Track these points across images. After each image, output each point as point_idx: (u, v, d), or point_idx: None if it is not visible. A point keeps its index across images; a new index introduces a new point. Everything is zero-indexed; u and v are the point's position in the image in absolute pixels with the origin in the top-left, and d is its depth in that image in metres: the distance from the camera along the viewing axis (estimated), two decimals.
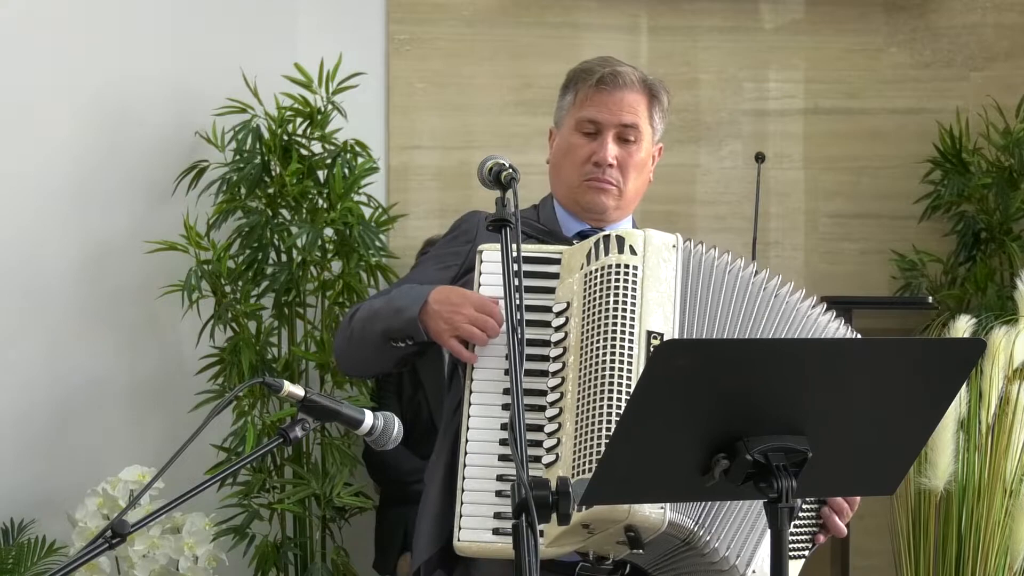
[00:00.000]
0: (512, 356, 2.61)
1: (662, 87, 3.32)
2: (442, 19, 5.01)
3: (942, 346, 2.74)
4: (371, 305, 3.13)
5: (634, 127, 3.24)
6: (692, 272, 2.97)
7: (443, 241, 3.29)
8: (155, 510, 2.47)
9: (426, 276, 3.21)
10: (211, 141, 4.67)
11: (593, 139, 3.22)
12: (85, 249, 4.67)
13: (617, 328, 2.87)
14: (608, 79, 3.24)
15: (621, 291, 2.90)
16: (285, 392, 2.56)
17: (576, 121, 3.25)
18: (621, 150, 3.23)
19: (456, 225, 3.30)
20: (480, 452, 2.91)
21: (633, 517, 2.76)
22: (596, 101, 3.24)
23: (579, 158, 3.22)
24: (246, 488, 4.53)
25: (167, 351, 4.75)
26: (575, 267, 2.97)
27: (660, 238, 2.97)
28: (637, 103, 3.25)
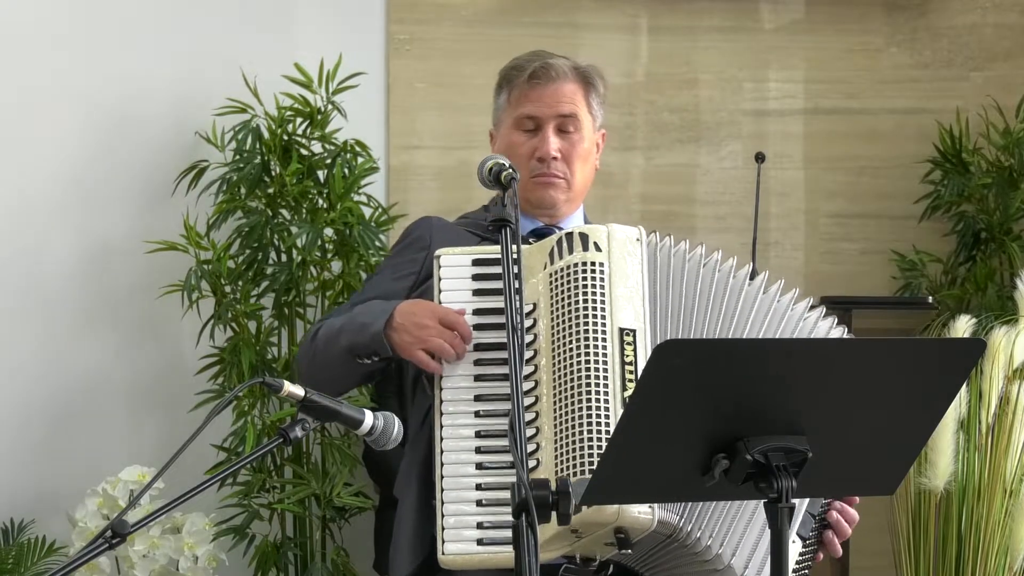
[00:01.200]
0: (512, 356, 2.61)
1: (596, 73, 3.28)
2: (442, 19, 5.01)
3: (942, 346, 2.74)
4: (333, 322, 3.10)
5: (573, 117, 3.21)
6: (660, 266, 2.95)
7: (396, 250, 3.26)
8: (155, 510, 2.47)
9: (383, 287, 3.17)
10: (211, 141, 4.67)
11: (534, 135, 3.20)
12: (85, 249, 4.67)
13: (589, 327, 2.85)
14: (540, 73, 3.21)
15: (589, 289, 2.88)
16: (285, 392, 2.56)
17: (514, 119, 3.22)
18: (563, 142, 3.20)
19: (407, 232, 3.26)
20: (456, 463, 2.89)
21: (622, 519, 2.75)
22: (531, 96, 3.21)
23: (522, 156, 3.20)
24: (246, 488, 4.53)
25: (167, 351, 4.74)
26: (537, 267, 2.94)
27: (623, 232, 2.95)
28: (573, 93, 3.23)
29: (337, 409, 2.61)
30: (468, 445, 2.88)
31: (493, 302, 2.95)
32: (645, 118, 5.12)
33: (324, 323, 3.16)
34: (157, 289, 4.60)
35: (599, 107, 3.28)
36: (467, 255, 3.00)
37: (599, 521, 2.75)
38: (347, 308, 3.23)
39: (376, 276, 3.29)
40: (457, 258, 2.98)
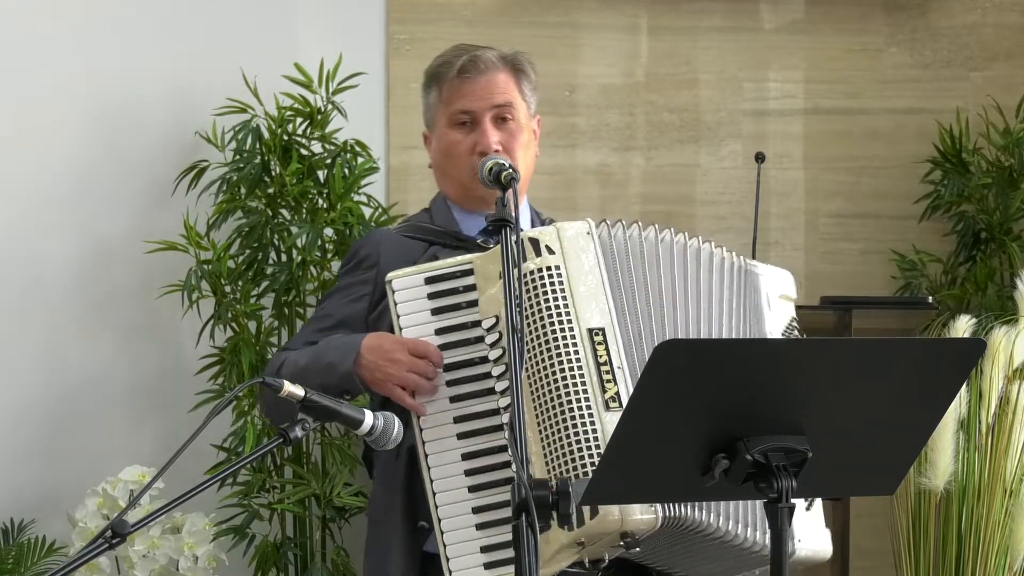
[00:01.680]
0: (512, 356, 2.60)
1: (525, 59, 3.22)
2: (442, 19, 5.01)
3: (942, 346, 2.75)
4: (296, 361, 3.01)
5: (508, 106, 3.15)
6: (615, 255, 2.91)
7: (344, 270, 3.15)
8: (155, 510, 2.47)
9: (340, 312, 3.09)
10: (211, 141, 4.67)
11: (471, 130, 3.14)
12: (85, 249, 4.67)
13: (557, 335, 2.81)
14: (469, 66, 3.15)
15: (551, 296, 2.83)
16: (285, 392, 2.56)
17: (449, 117, 3.15)
18: (502, 133, 3.14)
19: (354, 252, 3.16)
20: (449, 489, 2.85)
21: (626, 525, 2.74)
22: (464, 91, 3.15)
23: (462, 152, 3.13)
24: (246, 488, 4.53)
25: (167, 351, 4.75)
26: (492, 276, 2.88)
27: (573, 229, 2.91)
28: (504, 82, 3.16)
29: (337, 409, 2.60)
30: (457, 470, 2.83)
31: (454, 319, 2.90)
32: (645, 118, 5.12)
33: (286, 359, 3.04)
34: (157, 289, 4.60)
35: (532, 94, 3.22)
36: (418, 274, 2.92)
37: (603, 531, 2.73)
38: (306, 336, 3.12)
39: (330, 300, 3.19)
40: (409, 279, 2.91)
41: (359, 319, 3.05)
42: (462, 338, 2.88)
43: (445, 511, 2.83)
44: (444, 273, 2.91)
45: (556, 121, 5.07)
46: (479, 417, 2.84)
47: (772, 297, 3.09)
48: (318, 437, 4.57)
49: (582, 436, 2.74)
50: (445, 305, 2.90)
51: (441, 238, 3.10)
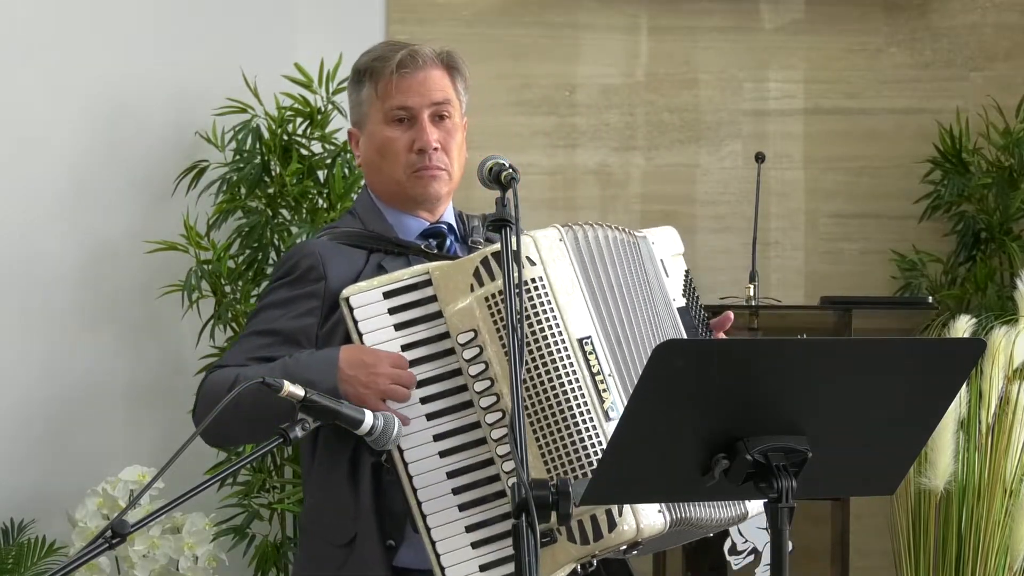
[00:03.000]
0: (512, 356, 2.59)
1: (460, 58, 3.14)
2: (442, 19, 5.01)
3: (942, 346, 2.74)
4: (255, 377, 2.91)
5: (446, 103, 3.06)
6: (587, 259, 2.88)
7: (281, 283, 2.99)
8: (155, 510, 2.47)
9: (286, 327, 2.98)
10: (211, 141, 4.67)
11: (408, 126, 3.06)
12: (85, 249, 4.67)
13: (551, 347, 2.77)
14: (408, 61, 3.05)
15: (538, 308, 2.78)
16: (285, 392, 2.55)
17: (385, 113, 3.05)
18: (440, 131, 3.07)
19: (293, 263, 3.00)
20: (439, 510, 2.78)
21: (641, 535, 2.73)
22: (401, 87, 3.04)
23: (399, 150, 3.03)
24: (246, 488, 4.54)
25: (167, 351, 4.75)
26: (460, 289, 2.80)
27: (547, 238, 2.85)
28: (441, 78, 3.09)
29: (337, 409, 2.60)
30: (445, 489, 2.79)
31: (419, 333, 2.84)
32: (645, 118, 5.12)
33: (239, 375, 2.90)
34: (157, 289, 4.60)
35: (465, 93, 3.15)
36: (375, 289, 2.83)
37: (622, 541, 2.72)
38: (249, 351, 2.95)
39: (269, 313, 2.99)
40: (366, 295, 2.83)
41: (308, 334, 2.95)
42: (430, 352, 2.81)
43: (438, 533, 2.78)
44: (402, 286, 2.84)
45: (556, 121, 5.08)
46: (460, 432, 2.78)
47: (667, 261, 3.06)
48: None
49: (589, 448, 2.72)
50: (408, 319, 2.83)
51: (381, 244, 3.03)
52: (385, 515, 2.86)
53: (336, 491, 2.91)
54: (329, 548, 2.92)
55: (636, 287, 2.91)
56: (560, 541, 2.69)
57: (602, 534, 2.69)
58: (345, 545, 2.89)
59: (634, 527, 2.70)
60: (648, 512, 2.71)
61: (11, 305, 4.59)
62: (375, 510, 2.86)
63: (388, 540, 2.86)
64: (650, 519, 2.71)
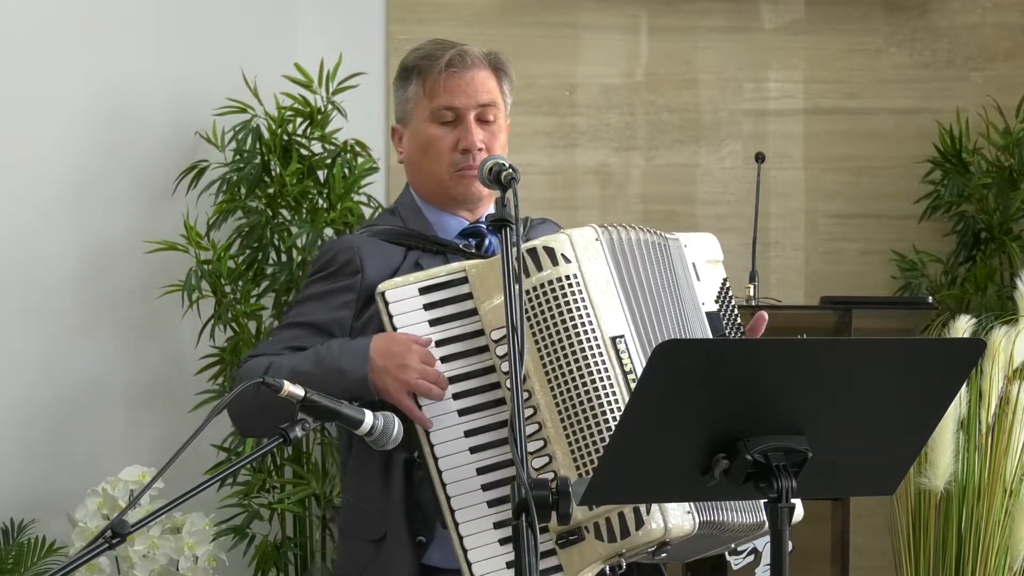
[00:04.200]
0: (512, 356, 2.59)
1: (507, 60, 3.15)
2: (442, 19, 5.01)
3: (942, 346, 2.74)
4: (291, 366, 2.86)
5: (492, 105, 3.07)
6: (621, 260, 2.88)
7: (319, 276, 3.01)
8: (155, 510, 2.47)
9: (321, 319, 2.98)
10: (211, 141, 4.67)
11: (454, 127, 3.06)
12: (85, 249, 4.67)
13: (584, 346, 2.77)
14: (457, 61, 3.06)
15: (572, 305, 2.79)
16: (285, 392, 2.56)
17: (431, 112, 3.06)
18: (485, 132, 3.07)
19: (330, 257, 3.02)
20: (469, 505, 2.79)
21: (669, 535, 2.72)
22: (449, 86, 3.05)
23: (443, 149, 3.04)
24: (246, 488, 4.54)
25: (167, 351, 4.75)
26: (495, 287, 2.81)
27: (583, 237, 2.86)
28: (488, 80, 3.09)
29: (337, 409, 2.60)
30: (474, 485, 2.79)
31: (452, 330, 2.84)
32: (645, 118, 5.12)
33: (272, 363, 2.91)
34: (157, 289, 4.61)
35: (510, 94, 3.16)
36: (411, 285, 2.85)
37: (649, 540, 2.72)
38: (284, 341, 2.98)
39: (304, 304, 3.03)
40: (402, 290, 2.84)
41: (342, 326, 2.97)
42: (464, 349, 2.82)
43: (466, 528, 2.79)
44: (438, 283, 2.85)
45: (556, 121, 5.08)
46: (491, 429, 2.78)
47: (700, 266, 3.06)
48: (318, 437, 4.57)
49: None
50: (443, 316, 2.84)
51: (419, 242, 3.03)
52: (415, 511, 2.86)
53: (368, 486, 2.92)
54: (361, 544, 2.93)
55: (665, 289, 2.91)
56: (588, 539, 2.70)
57: (629, 532, 2.69)
58: (376, 541, 2.90)
59: (662, 526, 2.69)
60: (677, 513, 2.70)
61: (11, 305, 4.59)
62: (405, 506, 2.87)
63: (418, 537, 2.86)
64: (678, 520, 2.70)
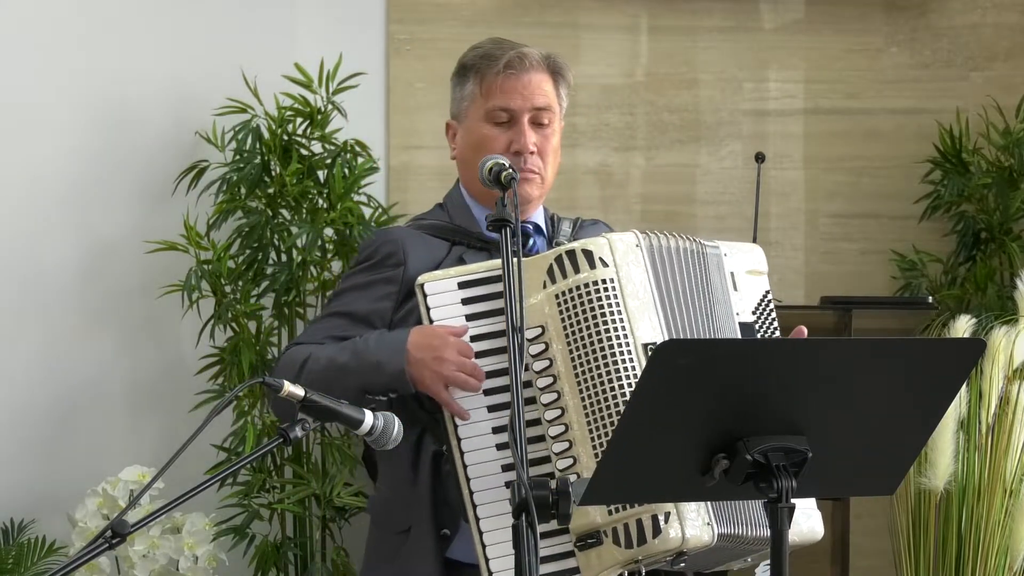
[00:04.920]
0: (512, 356, 2.59)
1: (565, 63, 3.15)
2: (442, 19, 5.01)
3: (942, 346, 2.75)
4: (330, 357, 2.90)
5: (548, 109, 3.07)
6: (660, 267, 2.88)
7: (363, 267, 3.04)
8: (155, 510, 2.47)
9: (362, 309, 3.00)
10: (211, 141, 4.67)
11: (508, 128, 3.06)
12: (85, 249, 4.68)
13: (616, 350, 2.77)
14: (515, 63, 3.06)
15: (606, 310, 2.78)
16: (285, 392, 2.56)
17: (487, 111, 3.06)
18: (538, 135, 3.07)
19: (375, 248, 3.04)
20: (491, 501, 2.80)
21: (686, 544, 2.72)
22: (506, 88, 3.05)
23: (495, 149, 3.03)
24: (246, 488, 4.54)
25: (167, 351, 4.75)
26: (533, 286, 2.82)
27: (623, 242, 2.85)
28: (545, 83, 3.09)
29: (337, 409, 2.60)
30: (498, 482, 2.78)
31: (489, 326, 2.83)
32: (645, 118, 5.12)
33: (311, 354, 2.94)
34: (157, 289, 4.61)
35: (566, 97, 3.16)
36: (451, 279, 2.85)
37: (664, 550, 2.71)
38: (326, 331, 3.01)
39: (346, 295, 3.06)
40: (442, 283, 2.84)
41: (383, 317, 2.98)
42: (498, 346, 2.81)
43: (487, 524, 2.78)
44: (478, 278, 2.85)
45: None
46: None
47: (739, 275, 3.05)
48: (318, 437, 4.57)
49: None
50: (480, 311, 2.84)
51: (464, 238, 3.04)
52: (441, 504, 2.87)
53: (397, 477, 2.94)
54: (388, 535, 2.95)
55: (701, 298, 2.90)
56: (606, 543, 2.70)
57: (646, 539, 2.68)
58: (401, 532, 2.91)
59: (680, 536, 2.69)
60: (696, 523, 2.70)
61: (11, 305, 4.60)
62: (431, 498, 2.88)
63: (443, 529, 2.87)
64: (697, 530, 2.70)
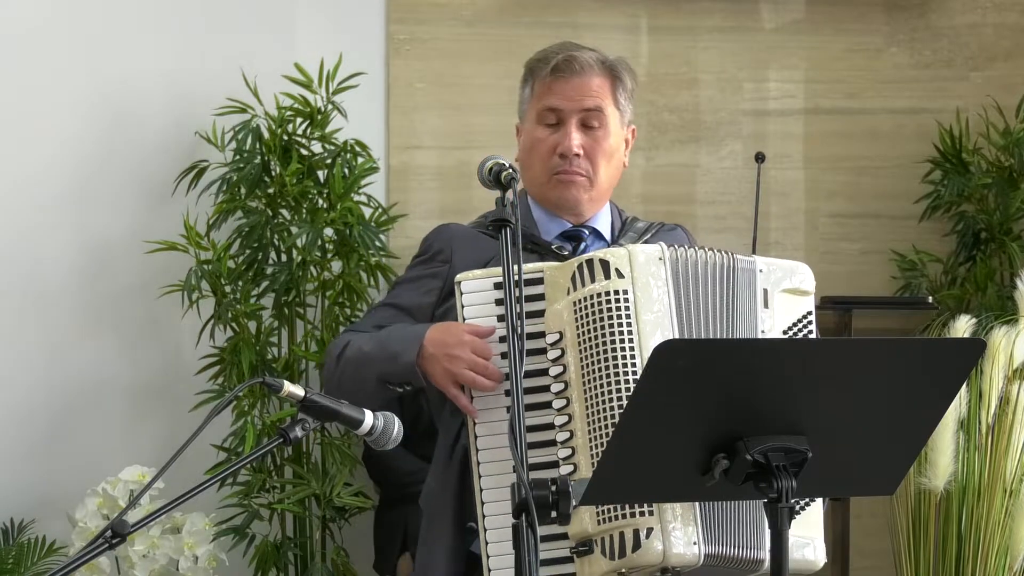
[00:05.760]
0: (512, 356, 2.59)
1: (625, 67, 3.15)
2: (442, 19, 5.01)
3: (942, 346, 2.75)
4: (360, 346, 2.97)
5: (598, 111, 3.08)
6: (683, 282, 2.86)
7: (417, 262, 3.13)
8: (155, 510, 2.47)
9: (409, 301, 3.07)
10: (211, 141, 4.67)
11: (556, 129, 3.08)
12: (85, 249, 4.67)
13: (620, 362, 2.77)
14: (563, 65, 3.08)
15: (615, 321, 2.78)
16: (285, 392, 2.56)
17: (537, 113, 3.10)
18: (587, 137, 3.07)
19: (428, 244, 3.13)
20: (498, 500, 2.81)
21: (668, 560, 2.72)
22: (555, 89, 3.08)
23: (544, 151, 3.07)
24: (246, 488, 4.53)
25: (167, 351, 4.75)
26: (561, 290, 2.82)
27: (645, 254, 2.84)
28: (598, 86, 3.09)
29: (337, 409, 2.61)
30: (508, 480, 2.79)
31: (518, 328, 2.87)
32: (645, 118, 5.12)
33: (350, 342, 2.99)
34: (157, 289, 4.60)
35: (627, 102, 3.14)
36: (488, 278, 2.87)
37: (645, 563, 2.72)
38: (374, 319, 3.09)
39: (399, 287, 3.17)
40: (478, 283, 2.86)
41: (425, 311, 3.04)
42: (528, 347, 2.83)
43: (492, 521, 2.80)
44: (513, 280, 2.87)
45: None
46: (532, 431, 2.79)
47: (773, 294, 3.04)
48: (318, 437, 4.57)
49: None
50: None
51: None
52: (468, 498, 2.88)
53: (437, 467, 2.96)
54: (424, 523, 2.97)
55: (723, 313, 2.90)
56: (595, 552, 2.71)
57: (626, 552, 2.69)
58: (432, 521, 2.93)
59: (660, 551, 2.69)
60: (680, 540, 2.70)
61: (11, 305, 4.59)
62: (457, 490, 2.90)
63: (468, 523, 2.88)
64: (680, 548, 2.70)
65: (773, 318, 2.99)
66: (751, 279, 2.97)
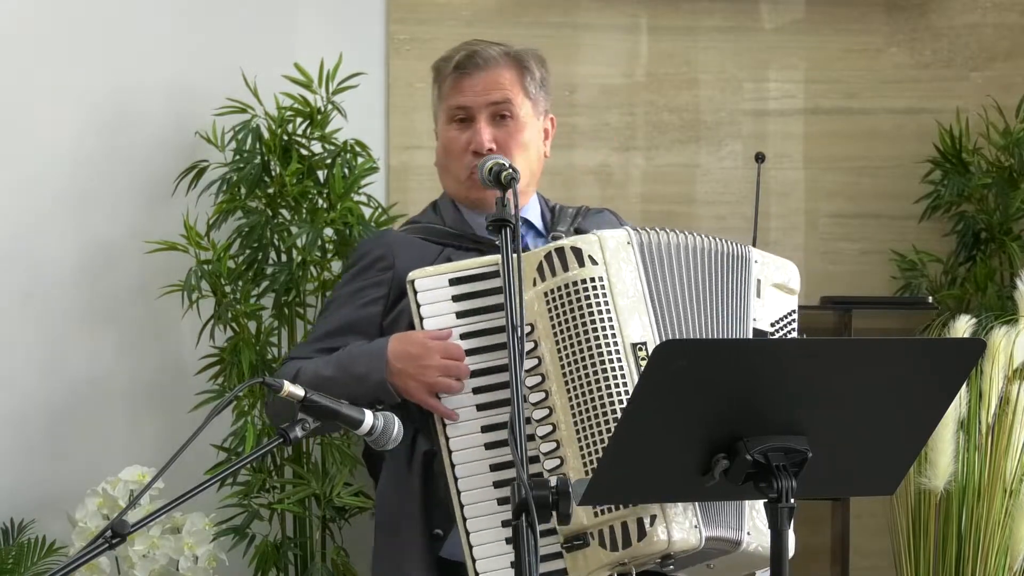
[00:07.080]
0: (512, 356, 2.59)
1: (532, 56, 3.12)
2: (442, 19, 5.01)
3: (942, 346, 2.75)
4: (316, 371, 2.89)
5: (507, 103, 3.06)
6: (652, 264, 2.86)
7: (352, 273, 3.05)
8: (155, 510, 2.47)
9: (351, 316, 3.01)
10: (211, 141, 4.67)
11: (467, 127, 3.07)
12: (85, 249, 4.67)
13: (603, 350, 2.76)
14: (466, 62, 3.06)
15: (595, 309, 2.77)
16: (285, 392, 2.56)
17: (447, 113, 3.07)
18: (499, 131, 3.05)
19: (364, 252, 3.05)
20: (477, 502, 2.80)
21: (672, 547, 2.72)
22: (460, 87, 3.06)
23: (458, 150, 3.05)
24: (246, 488, 4.54)
25: (167, 351, 4.75)
26: (526, 281, 2.83)
27: (615, 239, 2.84)
28: (504, 78, 3.07)
29: (337, 409, 2.60)
30: (486, 481, 2.78)
31: (480, 323, 2.83)
32: (645, 118, 5.12)
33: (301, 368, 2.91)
34: (157, 289, 4.60)
35: (538, 91, 3.12)
36: (442, 275, 2.85)
37: (649, 553, 2.72)
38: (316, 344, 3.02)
39: (336, 303, 3.08)
40: (432, 280, 2.83)
41: (372, 324, 2.98)
42: (488, 344, 2.81)
43: (474, 524, 2.78)
44: (469, 275, 2.85)
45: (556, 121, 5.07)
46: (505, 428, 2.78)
47: (764, 286, 3.03)
48: (318, 437, 4.56)
49: None
50: (471, 308, 2.83)
51: (456, 240, 3.03)
52: (433, 504, 2.86)
53: (394, 477, 2.94)
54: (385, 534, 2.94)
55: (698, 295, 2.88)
56: (592, 545, 2.70)
57: (631, 542, 2.69)
58: (395, 532, 2.91)
59: (665, 538, 2.69)
60: (683, 525, 2.70)
61: (11, 305, 4.60)
62: (422, 498, 2.88)
63: (436, 529, 2.86)
64: (684, 533, 2.70)
65: (763, 309, 2.99)
66: (744, 266, 2.97)
